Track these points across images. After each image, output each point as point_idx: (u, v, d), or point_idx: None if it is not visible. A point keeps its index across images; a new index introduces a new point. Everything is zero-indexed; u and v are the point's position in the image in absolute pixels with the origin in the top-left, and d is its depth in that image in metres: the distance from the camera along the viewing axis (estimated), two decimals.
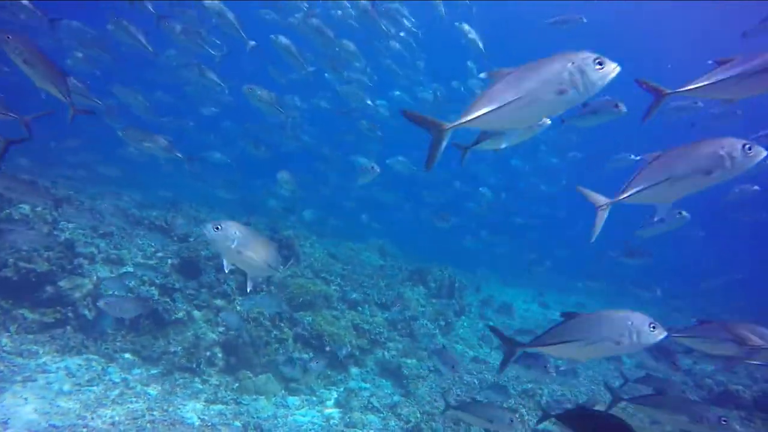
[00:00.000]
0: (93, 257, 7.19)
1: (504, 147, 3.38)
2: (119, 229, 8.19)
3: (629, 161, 8.89)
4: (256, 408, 6.01)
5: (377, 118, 10.98)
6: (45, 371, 5.44)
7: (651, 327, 2.80)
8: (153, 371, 6.17)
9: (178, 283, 7.22)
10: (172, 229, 8.94)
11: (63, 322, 6.31)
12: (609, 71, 2.38)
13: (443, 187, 16.57)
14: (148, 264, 7.50)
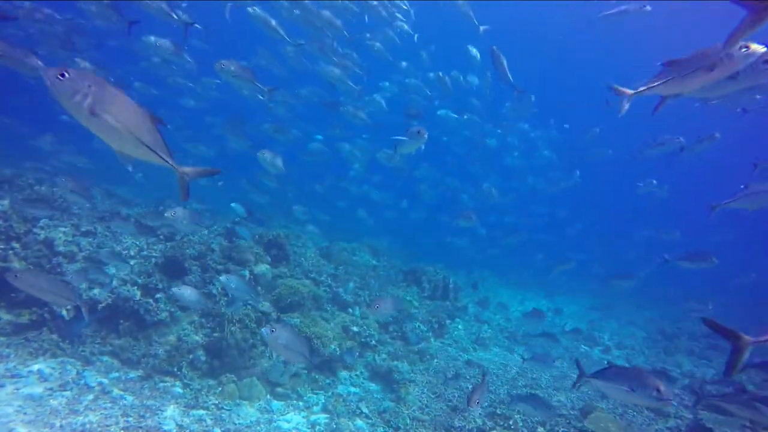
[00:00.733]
0: (73, 256, 6.96)
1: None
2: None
3: (676, 143, 7.63)
4: (238, 414, 5.78)
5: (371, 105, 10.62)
6: (15, 375, 5.20)
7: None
8: (132, 375, 5.94)
9: (161, 283, 6.99)
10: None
11: (39, 323, 6.09)
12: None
13: (437, 185, 16.14)
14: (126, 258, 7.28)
